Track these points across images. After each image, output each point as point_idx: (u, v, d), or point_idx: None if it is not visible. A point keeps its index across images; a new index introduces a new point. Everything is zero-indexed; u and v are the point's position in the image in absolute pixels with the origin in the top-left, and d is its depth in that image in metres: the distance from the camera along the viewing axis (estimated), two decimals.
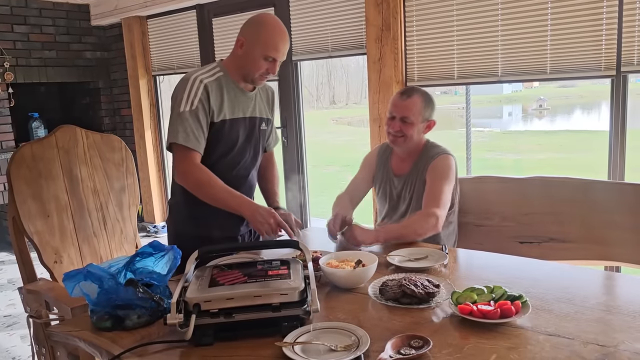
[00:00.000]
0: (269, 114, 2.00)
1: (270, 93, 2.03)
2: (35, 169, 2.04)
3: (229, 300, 1.21)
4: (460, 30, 3.12)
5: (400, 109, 2.03)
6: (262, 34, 1.76)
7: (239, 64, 1.82)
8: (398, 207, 2.16)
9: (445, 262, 1.66)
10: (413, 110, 2.02)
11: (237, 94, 1.84)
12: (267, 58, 1.76)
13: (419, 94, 2.06)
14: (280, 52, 1.78)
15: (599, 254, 2.12)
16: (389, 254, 1.72)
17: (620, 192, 2.15)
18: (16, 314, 3.37)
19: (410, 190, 2.11)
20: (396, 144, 2.09)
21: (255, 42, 1.76)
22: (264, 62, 1.77)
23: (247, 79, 1.84)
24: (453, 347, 1.13)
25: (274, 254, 1.64)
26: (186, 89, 1.74)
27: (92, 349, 1.26)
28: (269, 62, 1.78)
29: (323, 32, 3.71)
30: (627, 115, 2.69)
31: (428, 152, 2.10)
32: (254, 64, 1.77)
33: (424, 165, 2.08)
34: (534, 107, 22.13)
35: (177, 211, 1.94)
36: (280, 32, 1.78)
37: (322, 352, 1.13)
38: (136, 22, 4.92)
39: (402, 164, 2.16)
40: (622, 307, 1.30)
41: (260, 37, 1.75)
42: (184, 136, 1.72)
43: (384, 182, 2.20)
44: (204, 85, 1.75)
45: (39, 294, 1.90)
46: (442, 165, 2.05)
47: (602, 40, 2.68)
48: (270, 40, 1.75)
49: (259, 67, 1.78)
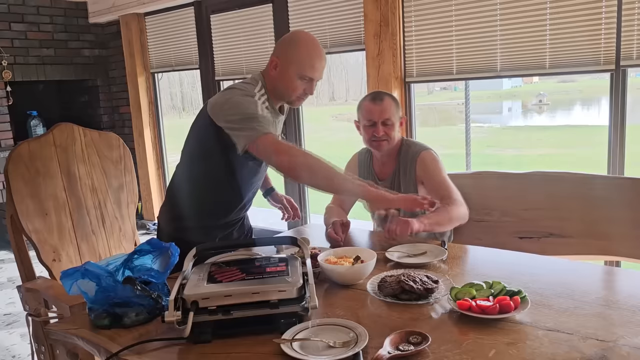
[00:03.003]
0: None
1: (288, 109, 1.94)
2: (33, 167, 2.04)
3: (227, 297, 1.21)
4: (459, 26, 3.11)
5: (378, 114, 2.05)
6: (297, 52, 1.68)
7: (275, 86, 1.73)
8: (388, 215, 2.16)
9: (445, 257, 1.66)
10: (390, 112, 2.05)
11: (274, 117, 1.76)
12: (303, 78, 1.69)
13: (388, 96, 2.10)
14: (317, 71, 1.70)
15: (599, 249, 2.11)
16: (387, 250, 1.72)
17: (619, 186, 2.14)
18: (16, 313, 3.37)
19: (398, 192, 2.11)
20: (381, 148, 2.09)
21: (290, 61, 1.68)
22: (300, 82, 1.70)
23: (284, 100, 1.77)
24: (452, 343, 1.13)
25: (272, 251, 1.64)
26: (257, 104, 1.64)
27: (90, 347, 1.26)
28: (306, 82, 1.71)
29: (321, 28, 3.70)
30: (626, 109, 2.69)
31: (408, 150, 2.12)
32: (290, 85, 1.70)
33: (406, 164, 2.09)
34: (534, 103, 22.10)
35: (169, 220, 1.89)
36: (316, 48, 1.71)
37: (320, 348, 1.12)
38: (134, 19, 4.91)
39: (384, 167, 2.17)
40: (621, 302, 1.30)
41: (295, 56, 1.68)
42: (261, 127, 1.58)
43: None
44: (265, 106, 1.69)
45: (37, 292, 1.90)
46: (431, 162, 2.07)
47: (601, 34, 2.67)
48: (306, 59, 1.68)
49: (295, 88, 1.71)
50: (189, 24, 4.61)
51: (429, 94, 25.43)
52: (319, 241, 1.90)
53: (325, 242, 1.90)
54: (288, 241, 1.49)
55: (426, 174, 2.06)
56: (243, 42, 4.22)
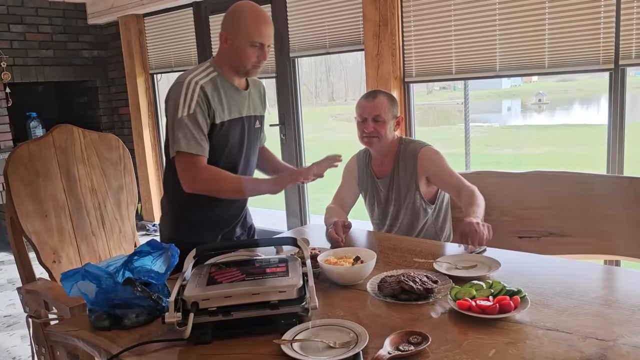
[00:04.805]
0: (262, 110, 1.96)
1: (261, 88, 1.98)
2: (32, 169, 2.04)
3: (227, 298, 1.21)
4: (458, 25, 3.11)
5: (369, 110, 2.08)
6: (242, 21, 1.72)
7: (229, 60, 1.77)
8: (388, 209, 2.18)
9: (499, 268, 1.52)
10: (382, 109, 2.07)
11: (232, 94, 1.80)
12: (254, 45, 1.72)
13: (383, 94, 2.12)
14: (265, 36, 1.73)
15: (598, 248, 2.11)
16: (435, 260, 1.61)
17: (619, 185, 2.15)
18: (16, 314, 3.37)
19: (397, 190, 2.13)
20: (372, 145, 2.12)
21: (237, 32, 1.72)
22: (252, 49, 1.73)
23: (240, 72, 1.79)
24: (452, 342, 1.13)
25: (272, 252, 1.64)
26: (182, 93, 1.69)
27: (90, 348, 1.26)
28: (258, 49, 1.73)
29: (320, 28, 3.70)
30: (625, 108, 2.69)
31: (407, 148, 2.13)
32: (243, 55, 1.73)
33: (406, 162, 2.11)
34: (533, 102, 22.08)
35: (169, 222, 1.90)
36: (260, 15, 1.74)
37: (320, 349, 1.12)
38: (133, 20, 4.91)
39: (382, 166, 2.18)
40: (621, 301, 1.30)
41: (242, 26, 1.71)
42: (185, 142, 1.67)
43: (369, 187, 2.22)
44: (200, 86, 1.70)
45: (37, 294, 1.90)
46: (435, 156, 2.10)
47: (600, 33, 2.67)
48: (252, 26, 1.71)
49: (248, 56, 1.73)
50: (188, 25, 4.60)
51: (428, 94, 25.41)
52: (319, 242, 1.90)
53: (324, 242, 1.90)
54: (288, 242, 1.50)
55: (433, 168, 2.08)
56: None
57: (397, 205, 2.14)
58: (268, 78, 4.12)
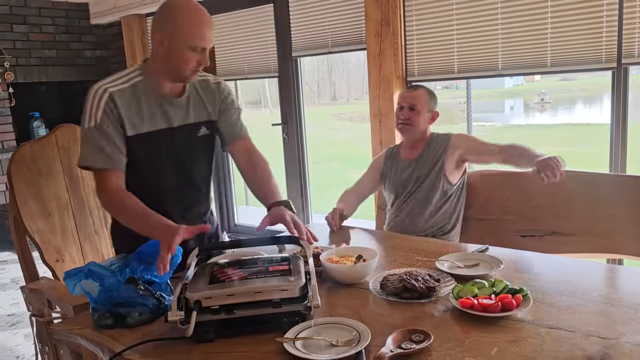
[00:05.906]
0: (213, 114, 1.72)
1: (214, 88, 1.73)
2: (35, 168, 2.05)
3: (230, 296, 1.21)
4: (460, 24, 3.10)
5: (407, 99, 2.26)
6: (181, 23, 1.51)
7: (163, 64, 1.57)
8: (406, 188, 2.26)
9: (501, 268, 1.50)
10: (419, 100, 2.25)
11: (160, 102, 1.60)
12: (194, 49, 1.53)
13: (424, 88, 2.31)
14: (207, 39, 1.54)
15: (601, 247, 2.11)
16: (437, 258, 1.61)
17: (622, 184, 2.14)
18: (20, 313, 3.38)
19: (419, 171, 2.23)
20: (404, 132, 2.28)
21: (175, 34, 1.51)
22: (193, 54, 1.53)
23: (176, 78, 1.60)
24: (454, 341, 1.13)
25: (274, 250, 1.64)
26: (88, 102, 1.53)
27: (94, 346, 1.27)
28: (198, 53, 1.54)
29: (322, 27, 3.70)
30: (628, 107, 2.68)
31: (437, 138, 2.28)
32: (181, 60, 1.53)
33: (436, 149, 2.24)
34: (536, 101, 22.04)
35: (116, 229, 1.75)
36: (201, 15, 1.53)
37: (323, 347, 1.13)
38: (135, 20, 4.91)
39: (410, 150, 2.31)
40: (623, 299, 1.30)
41: (181, 28, 1.51)
42: (88, 156, 1.52)
43: (393, 171, 2.32)
44: (108, 94, 1.54)
45: (41, 292, 1.90)
46: (466, 136, 2.33)
47: (602, 32, 2.66)
48: (193, 28, 1.51)
49: (187, 62, 1.54)
50: None
51: None
52: (321, 240, 1.90)
53: (327, 241, 1.91)
54: (290, 240, 1.50)
55: (467, 141, 2.26)
56: (244, 43, 4.23)
57: (416, 185, 2.23)
58: (270, 77, 4.13)
